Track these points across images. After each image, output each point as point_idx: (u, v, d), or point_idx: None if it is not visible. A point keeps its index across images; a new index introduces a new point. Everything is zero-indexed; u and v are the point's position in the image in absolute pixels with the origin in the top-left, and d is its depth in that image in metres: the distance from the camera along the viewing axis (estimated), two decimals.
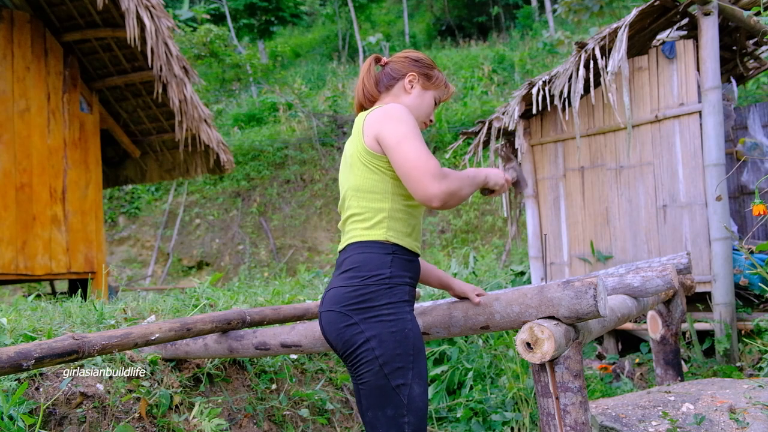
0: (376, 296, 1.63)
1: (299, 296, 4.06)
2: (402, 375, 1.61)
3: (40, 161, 6.31)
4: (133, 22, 5.83)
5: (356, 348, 1.62)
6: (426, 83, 1.88)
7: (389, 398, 1.60)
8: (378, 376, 1.60)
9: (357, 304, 1.63)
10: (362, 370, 1.62)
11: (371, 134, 1.70)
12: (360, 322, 1.62)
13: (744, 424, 2.24)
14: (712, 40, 4.29)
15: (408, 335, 1.64)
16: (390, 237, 1.69)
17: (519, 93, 5.03)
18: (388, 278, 1.65)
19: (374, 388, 1.61)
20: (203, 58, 15.57)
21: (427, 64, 1.90)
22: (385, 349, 1.60)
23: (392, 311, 1.63)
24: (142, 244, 13.17)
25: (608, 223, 4.99)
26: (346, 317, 1.63)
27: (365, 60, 2.55)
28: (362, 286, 1.64)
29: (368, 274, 1.65)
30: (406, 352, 1.62)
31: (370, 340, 1.60)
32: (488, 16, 20.64)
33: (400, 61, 1.90)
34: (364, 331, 1.61)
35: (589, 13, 10.54)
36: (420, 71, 1.87)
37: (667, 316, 3.13)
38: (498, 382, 3.64)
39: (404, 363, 1.62)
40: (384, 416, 1.61)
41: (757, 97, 8.20)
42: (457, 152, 11.59)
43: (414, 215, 1.77)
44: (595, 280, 1.69)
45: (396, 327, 1.62)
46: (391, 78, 1.88)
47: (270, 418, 2.96)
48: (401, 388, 1.60)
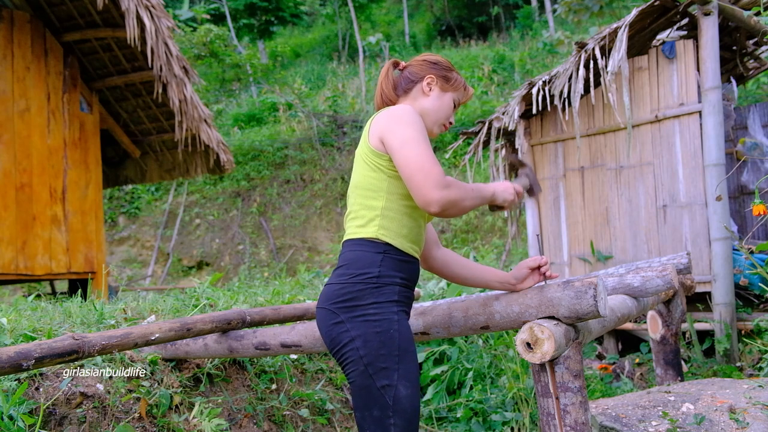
0: (362, 295, 1.62)
1: (299, 296, 4.06)
2: (386, 376, 1.59)
3: (40, 161, 6.31)
4: (133, 22, 5.83)
5: (342, 347, 1.62)
6: (444, 85, 1.88)
7: (374, 399, 1.59)
8: (363, 376, 1.60)
9: (344, 302, 1.63)
10: (348, 369, 1.63)
11: (376, 133, 1.70)
12: (346, 320, 1.61)
13: (744, 424, 2.24)
14: (712, 40, 4.30)
15: (393, 336, 1.61)
16: (381, 235, 1.68)
17: (519, 93, 5.03)
18: (376, 277, 1.64)
19: (360, 388, 1.61)
20: (203, 58, 15.57)
21: (445, 66, 1.90)
22: (369, 349, 1.59)
23: (378, 311, 1.62)
24: (142, 244, 13.17)
25: (608, 223, 4.99)
26: (333, 315, 1.63)
27: (384, 64, 2.58)
28: (350, 284, 1.64)
29: (356, 272, 1.64)
30: (390, 353, 1.60)
31: (355, 339, 1.60)
32: (488, 16, 20.63)
33: (418, 65, 1.90)
34: (349, 329, 1.61)
35: (589, 13, 10.54)
36: (438, 74, 1.88)
37: (667, 316, 3.13)
38: (498, 382, 3.64)
39: (388, 364, 1.60)
40: (371, 417, 1.60)
41: (757, 97, 8.20)
42: (457, 152, 11.59)
43: (412, 217, 1.74)
44: (595, 280, 1.69)
45: (381, 327, 1.61)
46: (409, 81, 1.88)
47: (270, 418, 2.96)
48: (386, 389, 1.59)
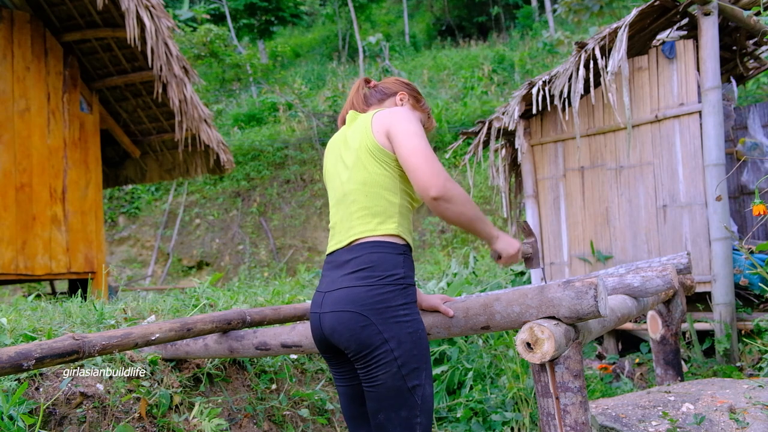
0: (392, 297, 1.63)
1: (299, 296, 4.06)
2: (417, 376, 1.62)
3: (40, 161, 6.30)
4: (133, 22, 5.83)
5: (374, 349, 1.61)
6: (415, 105, 1.98)
7: (404, 400, 1.61)
8: (395, 378, 1.60)
9: (374, 304, 1.61)
10: (378, 372, 1.61)
11: (382, 131, 1.72)
12: (378, 323, 1.60)
13: (744, 424, 2.24)
14: (712, 40, 4.29)
15: (422, 336, 1.66)
16: (400, 232, 1.71)
17: (519, 93, 5.03)
18: (402, 278, 1.66)
19: (390, 390, 1.61)
20: (203, 58, 15.58)
21: (416, 89, 2.01)
22: (403, 350, 1.60)
23: (407, 312, 1.64)
24: (142, 244, 13.17)
25: (608, 223, 4.99)
26: (362, 318, 1.61)
27: (355, 80, 2.66)
28: (379, 286, 1.62)
29: (384, 274, 1.63)
30: (421, 353, 1.64)
31: (389, 341, 1.60)
32: (488, 16, 20.64)
33: (391, 82, 1.99)
34: (382, 332, 1.60)
35: (589, 13, 10.54)
36: (410, 93, 1.97)
37: (667, 316, 3.13)
38: (498, 382, 3.64)
39: (419, 364, 1.63)
40: (398, 417, 1.61)
41: (757, 97, 8.20)
42: (457, 152, 11.59)
43: (411, 213, 1.81)
44: (595, 280, 1.69)
45: (412, 328, 1.63)
46: (383, 93, 1.95)
47: (270, 418, 2.96)
48: (416, 389, 1.62)
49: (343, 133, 1.87)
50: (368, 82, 1.99)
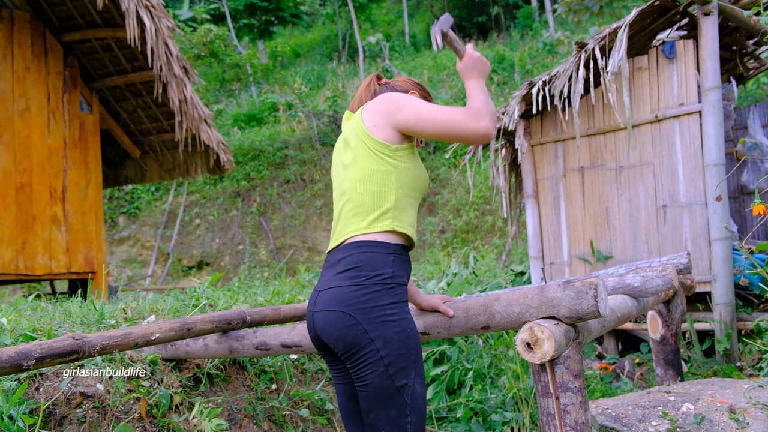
0: (379, 296, 1.62)
1: (299, 296, 4.06)
2: (405, 375, 1.61)
3: (40, 161, 6.30)
4: (133, 22, 5.83)
5: (360, 349, 1.61)
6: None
7: (393, 399, 1.60)
8: (382, 377, 1.60)
9: (361, 304, 1.61)
10: (366, 371, 1.61)
11: (378, 123, 1.72)
12: (364, 323, 1.60)
13: (744, 424, 2.24)
14: (712, 40, 4.29)
15: (411, 335, 1.65)
16: (396, 227, 1.69)
17: (519, 93, 5.03)
18: (390, 278, 1.65)
19: (378, 389, 1.61)
20: (203, 58, 15.57)
21: (426, 89, 2.00)
22: (390, 349, 1.60)
23: (395, 311, 1.63)
24: (142, 244, 13.17)
25: (608, 223, 4.99)
26: (349, 318, 1.61)
27: (366, 75, 2.65)
28: (365, 286, 1.62)
29: (371, 273, 1.63)
30: (408, 352, 1.63)
31: (375, 340, 1.60)
32: (488, 16, 20.64)
33: (402, 80, 1.99)
34: (368, 331, 1.60)
35: (589, 13, 10.54)
36: (421, 92, 1.96)
37: (667, 316, 3.13)
38: (498, 382, 3.64)
39: (407, 363, 1.62)
40: (387, 417, 1.61)
41: (757, 97, 8.19)
42: (457, 152, 11.60)
43: (415, 207, 1.79)
44: (595, 280, 1.69)
45: (399, 327, 1.63)
46: (393, 89, 1.94)
47: (270, 418, 2.96)
48: (405, 388, 1.61)
49: (343, 134, 1.87)
50: (380, 79, 1.98)
